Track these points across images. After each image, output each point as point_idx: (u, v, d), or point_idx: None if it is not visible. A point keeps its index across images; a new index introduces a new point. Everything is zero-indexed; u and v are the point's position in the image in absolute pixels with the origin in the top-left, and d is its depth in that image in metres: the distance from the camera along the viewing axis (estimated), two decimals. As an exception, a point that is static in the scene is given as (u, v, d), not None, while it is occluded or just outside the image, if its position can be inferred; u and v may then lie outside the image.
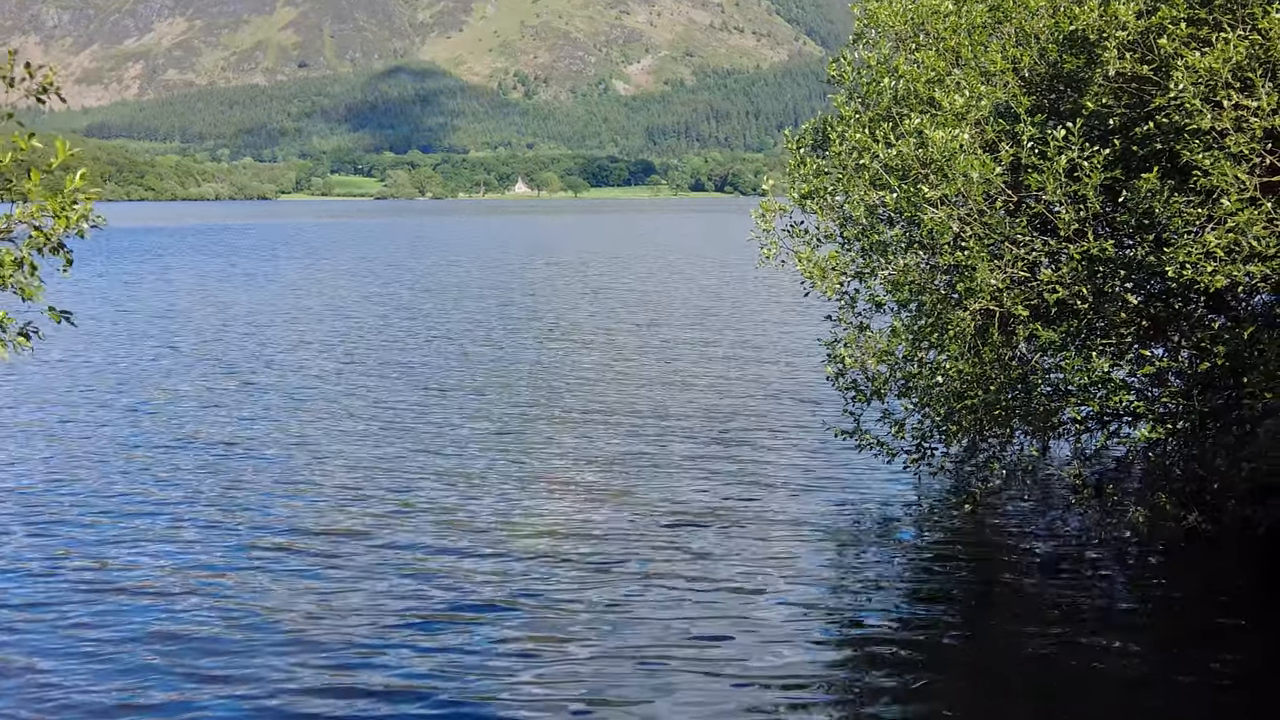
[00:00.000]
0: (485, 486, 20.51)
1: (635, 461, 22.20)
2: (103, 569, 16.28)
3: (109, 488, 20.53)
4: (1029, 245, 15.08)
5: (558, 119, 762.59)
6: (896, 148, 15.37)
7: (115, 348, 39.00)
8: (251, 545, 17.24)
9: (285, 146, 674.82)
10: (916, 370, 16.98)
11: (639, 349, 38.10)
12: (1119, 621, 14.30)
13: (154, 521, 18.51)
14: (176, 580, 15.77)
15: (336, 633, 13.90)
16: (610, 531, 17.81)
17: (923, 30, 17.05)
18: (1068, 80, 15.92)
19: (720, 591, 15.15)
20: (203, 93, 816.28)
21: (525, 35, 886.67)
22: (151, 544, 17.40)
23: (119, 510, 19.16)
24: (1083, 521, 17.91)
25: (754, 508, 18.97)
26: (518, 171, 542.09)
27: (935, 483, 19.68)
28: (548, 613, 14.52)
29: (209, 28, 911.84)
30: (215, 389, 30.68)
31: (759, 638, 13.71)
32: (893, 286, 16.60)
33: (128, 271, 75.77)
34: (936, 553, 17.01)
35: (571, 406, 27.94)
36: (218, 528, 18.15)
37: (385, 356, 36.64)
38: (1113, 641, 13.57)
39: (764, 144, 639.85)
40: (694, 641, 13.60)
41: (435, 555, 16.76)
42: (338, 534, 17.74)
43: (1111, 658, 13.15)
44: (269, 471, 21.63)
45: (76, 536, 17.78)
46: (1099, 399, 15.67)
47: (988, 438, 17.67)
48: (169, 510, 19.11)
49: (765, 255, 17.33)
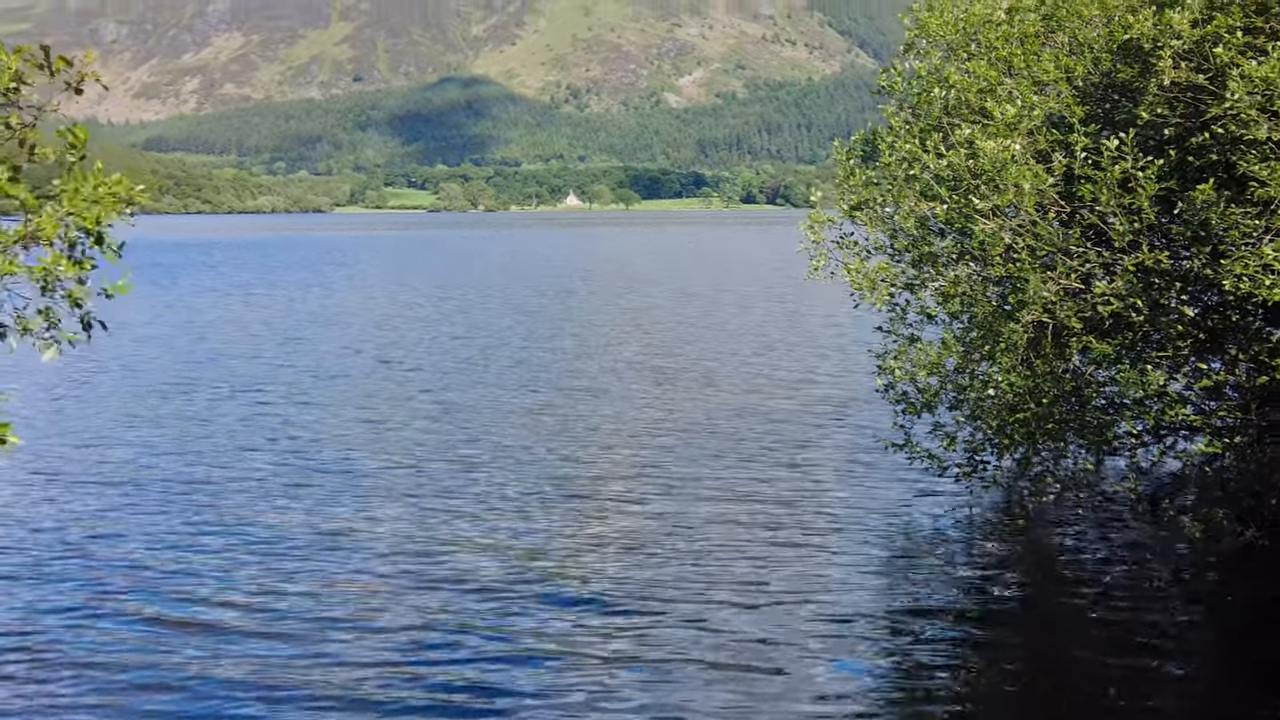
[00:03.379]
0: (533, 498, 20.52)
1: (683, 475, 22.13)
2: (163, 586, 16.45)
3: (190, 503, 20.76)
4: (1082, 257, 14.89)
5: (609, 131, 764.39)
6: (947, 158, 15.23)
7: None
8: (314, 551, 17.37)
9: (340, 159, 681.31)
10: (968, 383, 16.81)
11: (687, 362, 38.03)
12: (1175, 638, 14.06)
13: (229, 531, 18.70)
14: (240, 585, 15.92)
15: (396, 639, 13.96)
16: (660, 543, 17.75)
17: (974, 40, 16.92)
18: (1122, 90, 15.73)
19: (768, 605, 15.06)
20: (259, 106, 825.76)
21: (577, 48, 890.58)
22: (227, 558, 17.57)
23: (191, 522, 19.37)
24: (1138, 537, 17.65)
25: (803, 521, 18.85)
26: (569, 184, 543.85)
27: (987, 497, 19.47)
28: (598, 622, 14.49)
29: (265, 42, 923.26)
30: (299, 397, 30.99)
31: (807, 651, 13.61)
32: (943, 298, 16.45)
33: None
34: (989, 568, 16.82)
35: (619, 419, 27.93)
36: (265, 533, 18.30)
37: (458, 366, 36.89)
38: (1168, 659, 13.35)
39: (816, 156, 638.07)
40: (742, 653, 13.52)
41: (486, 572, 16.78)
42: (394, 540, 17.84)
43: (1167, 675, 12.96)
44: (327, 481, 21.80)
45: (138, 546, 17.98)
46: (1154, 413, 15.43)
47: (1041, 451, 17.44)
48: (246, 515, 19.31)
49: (814, 267, 17.24)
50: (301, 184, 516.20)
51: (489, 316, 53.82)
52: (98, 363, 37.04)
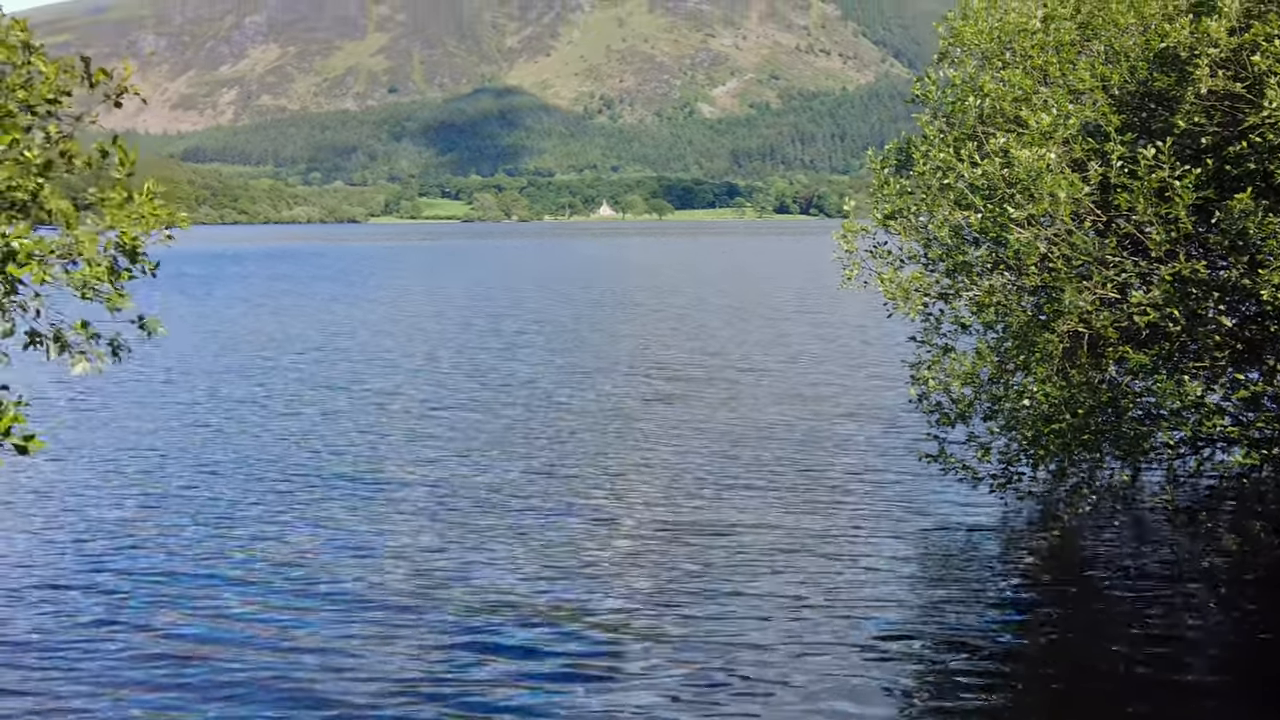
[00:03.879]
0: (569, 507, 20.55)
1: (717, 484, 22.10)
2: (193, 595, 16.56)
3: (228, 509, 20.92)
4: (1118, 266, 14.78)
5: (642, 141, 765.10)
6: (982, 167, 15.16)
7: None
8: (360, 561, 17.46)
9: (374, 170, 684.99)
10: (1003, 393, 16.67)
11: (718, 371, 37.99)
12: (1213, 653, 13.93)
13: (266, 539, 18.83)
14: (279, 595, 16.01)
15: (423, 644, 14.00)
16: (694, 553, 17.73)
17: (1009, 48, 16.83)
18: (1158, 98, 15.62)
19: (802, 616, 15.00)
20: (295, 117, 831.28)
21: (611, 59, 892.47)
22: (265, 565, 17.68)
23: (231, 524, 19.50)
24: (1175, 549, 17.48)
25: (837, 532, 18.78)
26: (602, 194, 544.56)
27: (1022, 508, 19.34)
28: (635, 631, 14.48)
29: (301, 54, 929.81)
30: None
31: (841, 662, 13.54)
32: (978, 308, 16.35)
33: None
34: (1024, 580, 16.69)
35: (652, 428, 27.92)
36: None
37: (496, 372, 37.02)
38: (1205, 672, 13.23)
39: (849, 166, 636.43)
40: (776, 664, 13.48)
41: (512, 587, 16.81)
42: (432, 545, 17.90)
43: (1204, 688, 12.83)
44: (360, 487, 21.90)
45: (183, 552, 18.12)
46: (1192, 424, 15.27)
47: (1076, 462, 17.29)
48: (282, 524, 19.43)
49: (847, 276, 17.17)
50: (337, 194, 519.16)
51: (524, 325, 53.96)
52: (124, 372, 37.30)
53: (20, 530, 19.17)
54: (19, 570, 17.12)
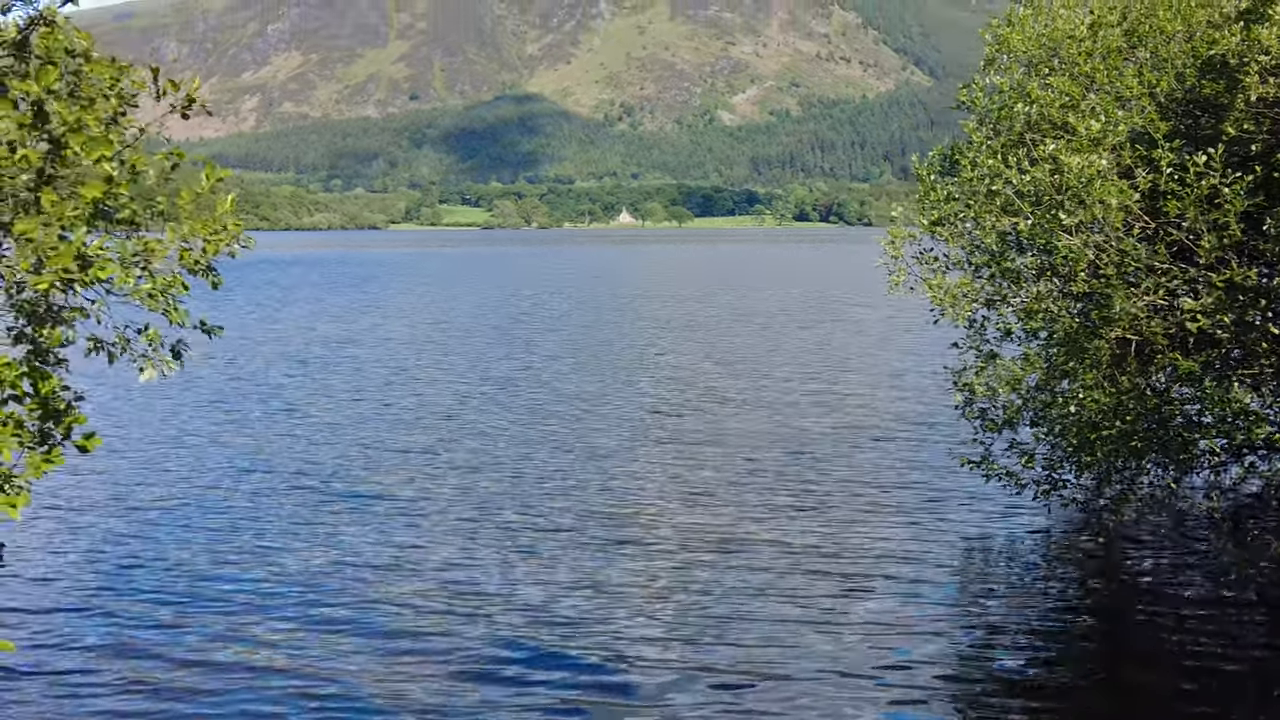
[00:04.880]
0: (589, 523, 20.64)
1: (763, 489, 22.16)
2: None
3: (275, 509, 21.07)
4: (1168, 273, 14.77)
5: (662, 149, 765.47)
6: (1030, 174, 15.16)
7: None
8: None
9: (395, 176, 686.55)
10: (1050, 400, 16.64)
11: (756, 378, 38.04)
12: (1257, 658, 13.91)
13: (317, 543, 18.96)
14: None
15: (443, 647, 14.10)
16: (738, 554, 17.79)
17: (1056, 56, 16.84)
18: (1205, 105, 15.61)
19: (846, 621, 15.06)
20: (316, 124, 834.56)
21: (631, 66, 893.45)
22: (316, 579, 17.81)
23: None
24: (1220, 556, 17.45)
25: (880, 538, 18.82)
26: (622, 201, 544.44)
27: (1066, 515, 19.33)
28: (672, 634, 14.55)
29: (323, 61, 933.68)
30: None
31: (885, 666, 13.59)
32: (1025, 314, 16.35)
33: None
34: (1068, 586, 16.71)
35: (695, 434, 27.99)
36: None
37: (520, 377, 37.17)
38: (1249, 679, 13.21)
39: (869, 174, 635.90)
40: (813, 669, 13.52)
41: (541, 601, 16.90)
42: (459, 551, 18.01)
43: (1249, 694, 12.81)
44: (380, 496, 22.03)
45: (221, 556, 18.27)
46: (1240, 430, 15.22)
47: (1121, 469, 17.25)
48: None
49: (894, 282, 17.17)
50: (357, 201, 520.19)
51: (552, 335, 54.10)
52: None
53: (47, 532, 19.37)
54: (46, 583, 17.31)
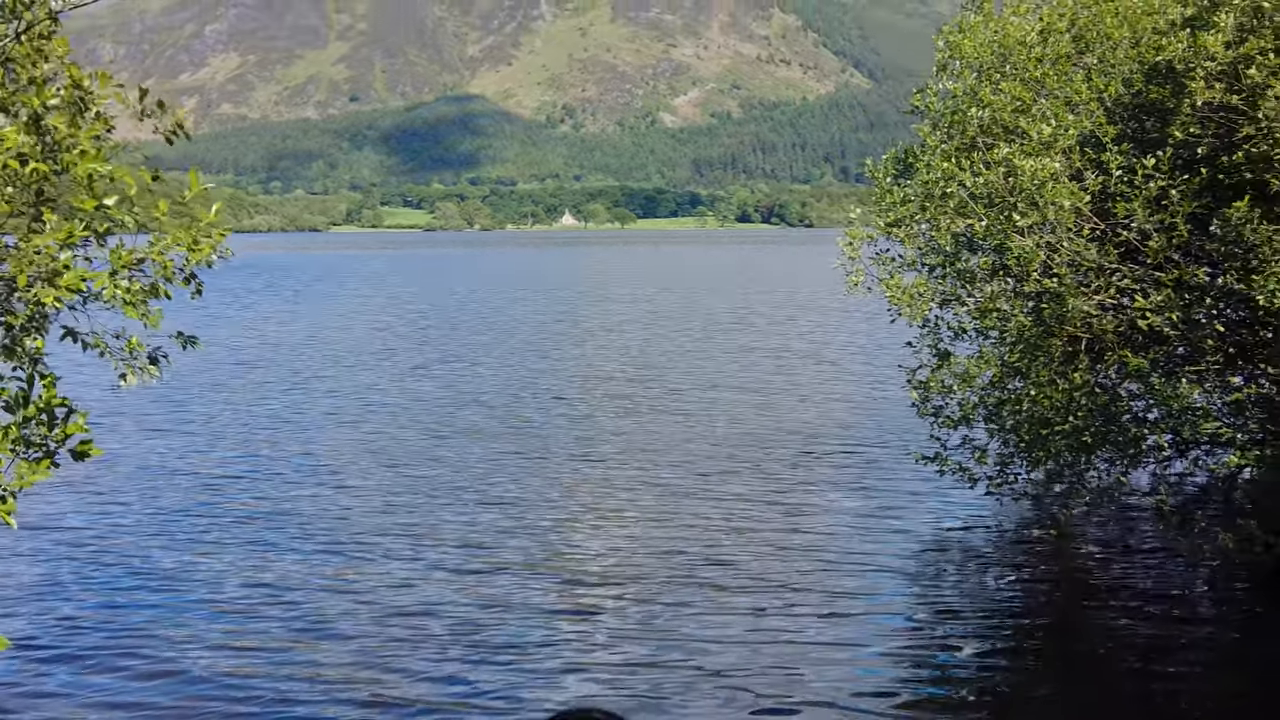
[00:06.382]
0: (560, 513, 20.80)
1: (715, 487, 22.38)
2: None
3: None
4: (1118, 272, 15.20)
5: (605, 151, 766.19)
6: (984, 176, 15.55)
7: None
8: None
9: (335, 179, 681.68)
10: (1003, 396, 17.04)
11: (714, 376, 38.27)
12: (1207, 650, 14.28)
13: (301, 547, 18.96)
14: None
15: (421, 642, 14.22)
16: (690, 557, 17.98)
17: (1007, 61, 17.25)
18: (1153, 110, 16.06)
19: (800, 617, 15.24)
20: (255, 126, 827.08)
21: (573, 68, 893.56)
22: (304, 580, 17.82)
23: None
24: (1168, 548, 17.90)
25: (834, 534, 19.10)
26: (565, 203, 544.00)
27: (1017, 509, 19.74)
28: (627, 641, 14.72)
29: (262, 63, 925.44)
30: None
31: (834, 660, 13.78)
32: (979, 314, 16.73)
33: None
34: (1020, 579, 17.06)
35: (648, 434, 28.18)
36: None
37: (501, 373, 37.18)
38: (1200, 671, 13.54)
39: (810, 175, 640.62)
40: (772, 667, 13.66)
41: (540, 594, 17.04)
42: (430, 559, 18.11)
43: (1198, 688, 13.10)
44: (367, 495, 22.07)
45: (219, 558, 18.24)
46: (1187, 425, 15.65)
47: (1072, 464, 17.65)
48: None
49: (852, 282, 17.50)
50: (297, 203, 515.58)
51: (515, 336, 54.09)
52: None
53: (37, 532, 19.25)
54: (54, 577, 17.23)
